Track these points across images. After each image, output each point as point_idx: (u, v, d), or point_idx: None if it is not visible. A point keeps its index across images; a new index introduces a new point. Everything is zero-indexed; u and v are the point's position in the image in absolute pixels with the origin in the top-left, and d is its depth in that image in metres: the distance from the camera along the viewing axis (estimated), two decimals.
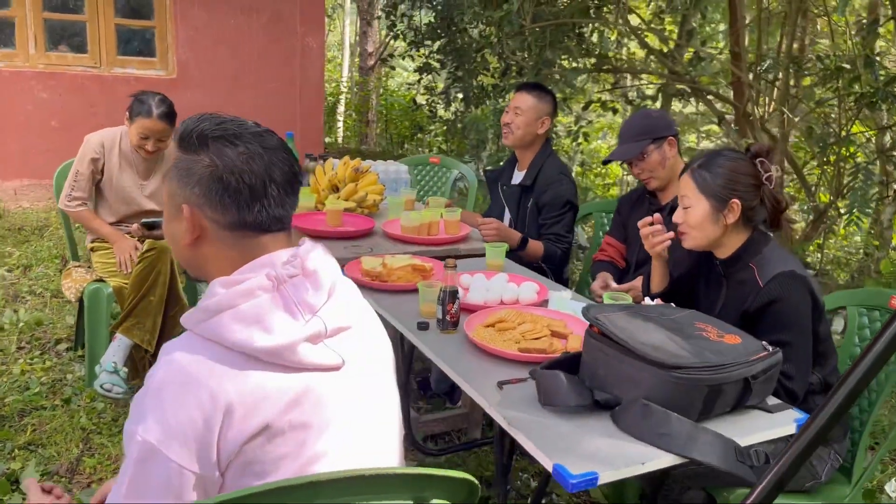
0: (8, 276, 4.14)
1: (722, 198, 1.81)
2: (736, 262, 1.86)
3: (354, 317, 1.11)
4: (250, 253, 1.08)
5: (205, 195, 1.05)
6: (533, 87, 2.97)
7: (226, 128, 1.08)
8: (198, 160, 1.06)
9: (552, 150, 3.00)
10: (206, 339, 0.98)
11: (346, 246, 2.48)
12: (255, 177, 1.06)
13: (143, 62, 6.05)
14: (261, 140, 1.08)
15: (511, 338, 1.75)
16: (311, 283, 1.05)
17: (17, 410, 2.73)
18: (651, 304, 1.87)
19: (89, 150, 2.93)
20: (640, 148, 2.47)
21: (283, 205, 1.09)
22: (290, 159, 1.12)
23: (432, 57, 8.64)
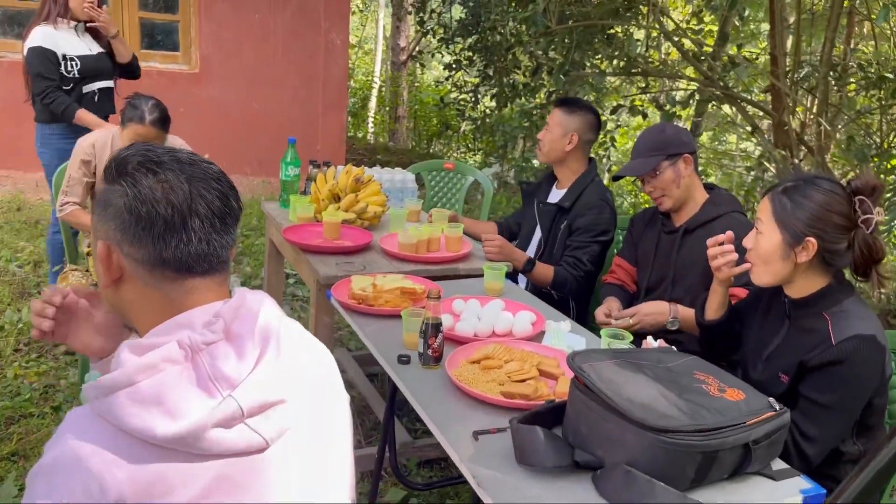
0: (18, 271, 4.12)
1: (797, 233, 1.57)
2: (807, 307, 1.63)
3: (292, 386, 0.95)
4: (174, 298, 0.96)
5: (120, 228, 0.94)
6: (567, 101, 2.82)
7: (148, 156, 0.96)
8: (114, 190, 0.95)
9: (597, 175, 2.83)
10: (102, 419, 0.85)
11: (338, 262, 2.36)
12: (172, 207, 0.94)
13: (166, 56, 6.02)
14: (187, 169, 0.97)
15: (495, 378, 1.62)
16: (235, 350, 0.91)
17: (4, 418, 2.68)
18: (653, 344, 1.72)
19: (80, 152, 2.87)
20: (653, 164, 2.30)
21: (209, 241, 0.96)
22: (224, 192, 0.99)
23: (462, 54, 8.49)
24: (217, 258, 0.98)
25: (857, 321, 1.53)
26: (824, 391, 1.52)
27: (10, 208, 5.23)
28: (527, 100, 7.61)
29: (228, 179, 1.02)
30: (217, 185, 0.98)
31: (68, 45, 3.42)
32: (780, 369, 1.64)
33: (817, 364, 1.53)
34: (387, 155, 9.46)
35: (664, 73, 5.35)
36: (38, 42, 3.37)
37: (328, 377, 1.08)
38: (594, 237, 2.69)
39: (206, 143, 6.20)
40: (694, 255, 2.31)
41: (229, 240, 1.00)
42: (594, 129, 2.82)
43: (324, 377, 1.07)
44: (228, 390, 0.88)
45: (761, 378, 1.70)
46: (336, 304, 2.10)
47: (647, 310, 2.11)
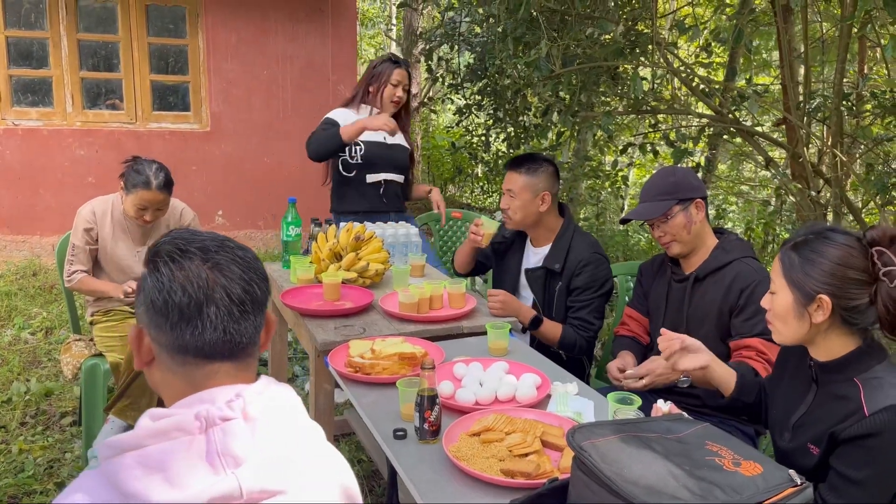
0: (31, 339, 4.11)
1: (808, 291, 1.46)
2: (836, 371, 1.50)
3: (297, 480, 0.93)
4: (196, 382, 0.97)
5: (147, 314, 0.98)
6: (522, 161, 2.68)
7: (177, 244, 0.99)
8: (145, 277, 0.99)
9: (576, 226, 2.73)
10: (109, 482, 0.85)
11: (336, 326, 2.29)
12: (188, 296, 0.95)
13: (178, 116, 6.09)
14: (213, 257, 0.98)
15: (495, 454, 1.52)
16: (249, 431, 0.90)
17: (7, 496, 2.62)
18: (664, 409, 1.61)
19: (81, 220, 2.86)
20: (665, 208, 2.21)
21: (226, 329, 0.97)
22: (248, 279, 1.00)
23: (472, 98, 8.54)
24: (237, 345, 0.99)
25: (891, 389, 1.40)
26: (856, 466, 1.39)
27: (26, 274, 5.26)
28: (538, 141, 7.60)
29: (257, 265, 1.04)
30: (240, 271, 0.99)
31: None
32: (808, 439, 1.52)
33: (849, 437, 1.40)
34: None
35: (673, 110, 5.29)
36: (329, 115, 3.34)
37: (342, 486, 1.06)
38: (596, 293, 2.60)
39: (220, 198, 6.24)
40: (706, 303, 2.21)
41: (250, 327, 1.00)
42: (557, 178, 2.72)
43: (337, 484, 1.04)
44: (233, 468, 0.86)
45: (790, 447, 1.57)
46: (333, 371, 2.02)
47: (657, 370, 2.01)
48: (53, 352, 3.95)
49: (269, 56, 6.17)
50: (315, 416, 2.28)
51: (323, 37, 6.30)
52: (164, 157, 5.98)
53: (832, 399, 1.49)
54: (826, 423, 1.47)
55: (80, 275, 2.87)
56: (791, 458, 1.55)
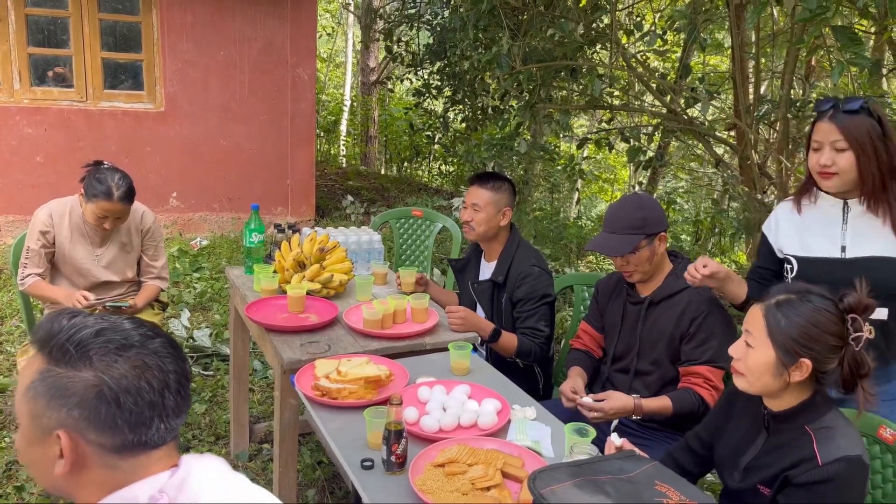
0: None
1: (792, 353, 1.53)
2: (788, 421, 1.61)
3: None
4: (126, 473, 0.96)
5: (89, 418, 0.93)
6: (487, 179, 2.81)
7: (107, 336, 0.96)
8: (76, 377, 0.93)
9: (521, 240, 2.86)
10: None
11: (302, 342, 2.34)
12: (153, 392, 0.96)
13: (131, 96, 5.95)
14: (149, 344, 0.98)
15: (459, 487, 1.61)
16: None
17: None
18: (616, 443, 1.72)
19: (38, 223, 2.82)
20: (632, 244, 2.28)
21: (179, 411, 1.00)
22: (178, 357, 1.01)
23: (431, 78, 8.52)
24: (175, 432, 1.01)
25: (842, 440, 1.52)
26: None
27: None
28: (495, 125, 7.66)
29: (174, 342, 1.03)
30: (173, 350, 1.01)
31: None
32: (759, 480, 1.65)
33: (802, 482, 1.52)
34: (358, 180, 9.43)
35: (629, 107, 5.41)
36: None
37: None
38: (538, 303, 2.71)
39: (175, 180, 6.15)
40: (658, 327, 2.33)
41: (188, 403, 1.03)
42: (515, 196, 2.87)
43: None
44: None
45: (740, 487, 1.70)
46: (300, 394, 2.08)
47: (611, 405, 2.12)
48: (5, 343, 3.89)
49: (227, 37, 6.06)
50: (281, 430, 2.34)
51: (282, 19, 6.20)
52: (117, 137, 5.87)
53: (783, 446, 1.61)
54: (777, 467, 1.60)
55: (32, 278, 2.83)
56: (741, 498, 1.68)
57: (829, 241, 2.01)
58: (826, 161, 1.92)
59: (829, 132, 1.91)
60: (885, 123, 1.91)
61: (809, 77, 5.71)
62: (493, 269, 2.83)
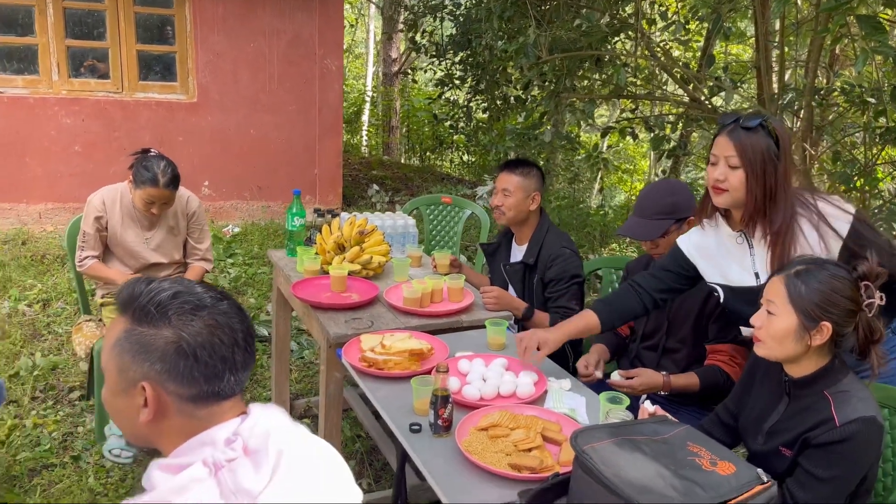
0: (28, 311, 4.21)
1: (813, 317, 1.64)
2: (808, 386, 1.72)
3: (303, 494, 1.06)
4: (203, 421, 1.08)
5: (169, 371, 1.04)
6: (517, 165, 2.92)
7: (183, 297, 1.07)
8: (158, 334, 1.04)
9: (550, 222, 2.97)
10: None
11: (346, 319, 2.47)
12: (225, 347, 1.07)
13: (165, 87, 6.11)
14: (219, 306, 1.09)
15: (503, 448, 1.73)
16: (253, 465, 1.01)
17: (28, 469, 2.78)
18: (650, 409, 1.83)
19: (92, 209, 2.97)
20: (662, 229, 2.40)
21: (247, 366, 1.12)
22: (244, 318, 1.13)
23: (454, 69, 8.61)
24: (244, 381, 1.12)
25: (858, 402, 1.62)
26: (825, 467, 1.63)
27: (16, 242, 5.31)
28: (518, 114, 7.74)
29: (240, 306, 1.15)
30: (239, 313, 1.12)
31: None
32: (781, 443, 1.75)
33: (821, 443, 1.63)
34: (382, 169, 9.56)
35: (653, 96, 5.47)
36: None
37: (338, 480, 1.17)
38: (569, 283, 2.81)
39: (206, 170, 6.31)
40: (686, 307, 2.44)
41: (253, 359, 1.14)
42: (543, 181, 2.97)
43: (333, 482, 1.16)
44: (249, 501, 0.98)
45: (763, 450, 1.81)
46: (347, 366, 2.21)
47: (641, 381, 2.23)
48: (53, 324, 4.07)
49: (256, 29, 6.19)
50: (326, 402, 2.47)
51: (310, 12, 6.32)
52: (151, 126, 6.03)
53: (804, 410, 1.72)
54: (798, 430, 1.71)
55: (90, 261, 2.99)
56: (764, 459, 1.79)
57: (742, 269, 2.06)
58: (719, 176, 1.93)
59: (725, 147, 1.92)
60: (782, 144, 1.90)
61: (833, 66, 5.74)
62: (524, 251, 2.94)
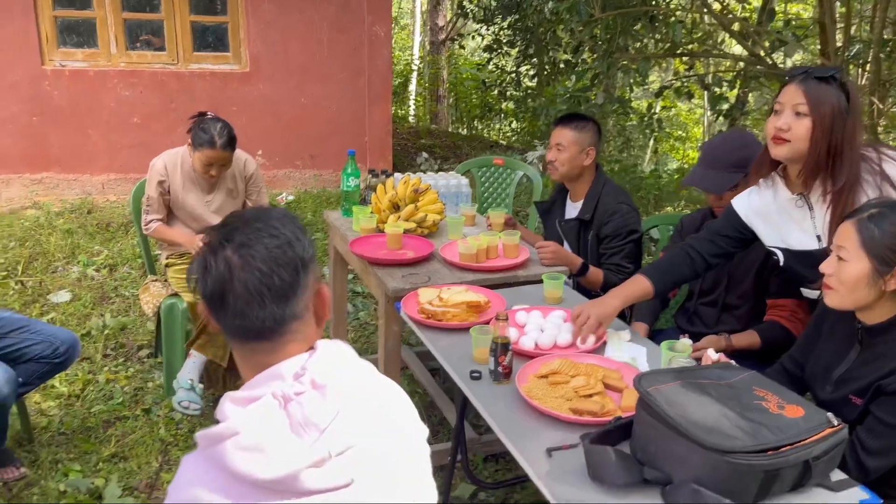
0: (96, 275, 4.38)
1: (888, 261, 1.59)
2: (883, 333, 1.68)
3: (370, 430, 1.07)
4: (257, 354, 1.09)
5: (205, 301, 1.08)
6: (571, 119, 2.87)
7: (224, 233, 1.09)
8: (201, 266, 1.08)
9: (606, 178, 2.93)
10: (212, 463, 0.99)
11: (404, 274, 2.50)
12: (213, 286, 1.06)
13: (218, 57, 6.20)
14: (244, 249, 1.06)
15: (563, 394, 1.74)
16: (320, 399, 1.03)
17: (102, 421, 2.92)
18: (713, 358, 1.81)
19: (155, 174, 3.06)
20: (733, 183, 2.32)
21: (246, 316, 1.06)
22: (266, 270, 1.06)
23: (502, 34, 8.52)
24: (263, 330, 1.07)
25: None
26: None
27: (82, 211, 5.51)
28: (568, 78, 7.62)
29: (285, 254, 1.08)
30: (261, 264, 1.06)
31: None
32: (851, 391, 1.71)
33: (894, 390, 1.60)
34: (430, 138, 9.56)
35: (710, 53, 5.31)
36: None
37: (404, 415, 1.19)
38: (625, 239, 2.77)
39: (259, 140, 6.40)
40: (746, 263, 2.39)
41: (269, 314, 1.07)
42: (599, 136, 2.91)
43: (399, 418, 1.17)
44: (317, 434, 1.00)
45: (831, 398, 1.77)
46: (406, 318, 2.24)
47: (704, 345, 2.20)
48: (120, 287, 4.22)
49: None
50: (385, 356, 2.52)
51: None
52: (206, 97, 6.14)
53: (877, 357, 1.68)
54: (870, 378, 1.66)
55: (155, 223, 3.09)
56: (832, 408, 1.75)
57: (802, 232, 1.99)
58: (782, 125, 1.86)
59: (793, 95, 1.85)
60: (853, 100, 1.84)
61: None
62: (579, 208, 2.91)
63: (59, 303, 3.97)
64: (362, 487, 1.04)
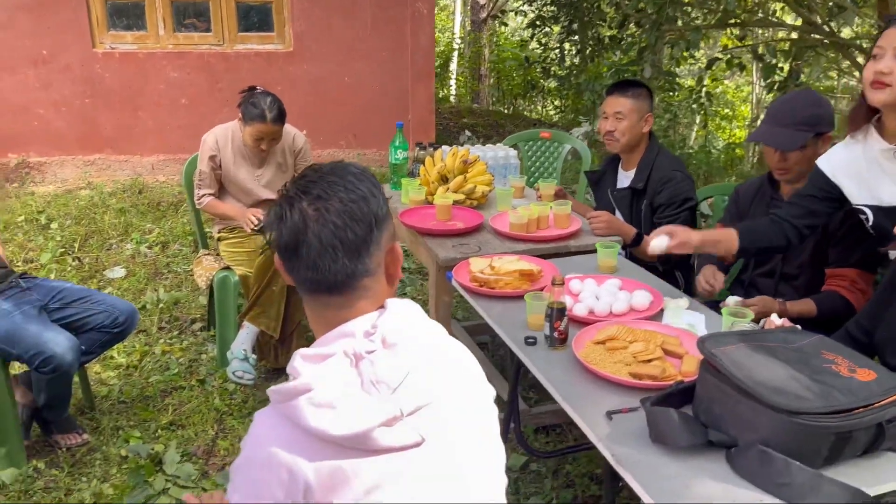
0: (148, 252, 4.48)
1: None
2: None
3: (440, 389, 1.06)
4: (330, 309, 1.09)
5: (278, 252, 1.09)
6: (626, 87, 2.81)
7: (300, 185, 1.08)
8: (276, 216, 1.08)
9: (660, 146, 2.86)
10: (287, 419, 1.00)
11: (454, 244, 2.49)
12: (286, 238, 1.06)
13: (262, 37, 6.24)
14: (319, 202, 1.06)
15: (621, 359, 1.71)
16: (391, 358, 1.03)
17: (159, 390, 2.99)
18: (777, 323, 1.76)
19: (207, 149, 3.10)
20: (803, 141, 2.21)
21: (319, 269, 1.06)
22: (339, 224, 1.05)
23: (545, 10, 8.38)
24: (335, 283, 1.07)
25: None
26: None
27: (133, 191, 5.63)
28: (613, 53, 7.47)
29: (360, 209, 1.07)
30: (335, 217, 1.05)
31: None
32: None
33: None
34: (472, 117, 9.50)
35: (763, 22, 5.14)
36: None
37: (472, 377, 1.17)
38: (679, 208, 2.72)
39: (304, 118, 6.43)
40: None
41: (342, 268, 1.06)
42: (653, 102, 2.85)
43: (467, 378, 1.16)
44: (388, 393, 1.00)
45: None
46: (457, 286, 2.23)
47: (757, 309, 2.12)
48: (172, 264, 4.31)
49: None
50: None
51: None
52: (252, 77, 6.18)
53: None
54: None
55: (207, 198, 3.14)
56: None
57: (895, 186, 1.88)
58: (884, 68, 1.75)
59: (895, 38, 1.73)
60: None
61: None
62: (631, 177, 2.86)
63: (115, 278, 4.08)
64: (433, 447, 1.04)
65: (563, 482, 2.48)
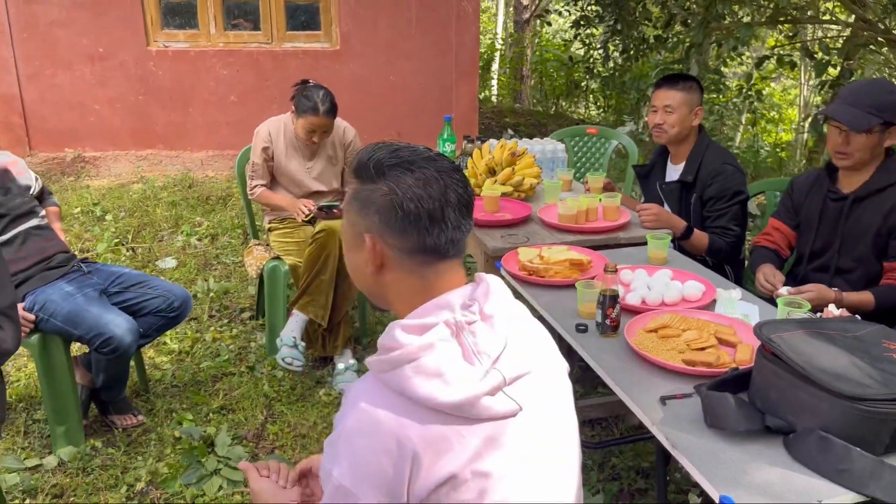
0: (199, 244, 4.58)
1: None
2: None
3: (532, 359, 1.10)
4: (430, 280, 1.11)
5: (385, 222, 1.09)
6: (676, 80, 2.81)
7: (400, 155, 1.11)
8: (376, 189, 1.09)
9: (710, 139, 2.84)
10: (390, 389, 1.02)
11: (502, 234, 2.50)
12: (434, 201, 1.07)
13: (310, 36, 6.34)
14: (434, 164, 1.10)
15: (675, 347, 1.71)
16: (489, 330, 1.05)
17: (210, 376, 3.06)
18: (835, 313, 1.74)
19: (260, 141, 3.16)
20: (869, 123, 2.15)
21: (460, 227, 1.10)
22: (464, 181, 1.13)
23: (589, 10, 8.34)
24: (463, 241, 1.12)
25: None
26: None
27: (183, 186, 5.76)
28: (658, 53, 7.39)
29: (461, 169, 1.16)
30: (458, 175, 1.12)
31: None
32: None
33: None
34: (514, 117, 9.49)
35: (815, 19, 5.04)
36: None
37: (552, 350, 1.21)
38: (730, 201, 2.69)
39: (350, 117, 6.46)
40: (864, 223, 2.27)
41: (470, 223, 1.14)
42: (703, 95, 2.83)
43: (550, 350, 1.20)
44: (489, 363, 1.02)
45: None
46: (506, 275, 2.24)
47: (810, 296, 2.08)
48: (221, 255, 4.41)
49: None
50: None
51: None
52: (299, 75, 6.23)
53: None
54: None
55: (259, 189, 3.21)
56: None
57: None
58: None
59: None
60: None
61: None
62: (680, 170, 2.83)
63: (167, 268, 4.19)
64: (531, 414, 1.06)
65: (608, 475, 2.47)
